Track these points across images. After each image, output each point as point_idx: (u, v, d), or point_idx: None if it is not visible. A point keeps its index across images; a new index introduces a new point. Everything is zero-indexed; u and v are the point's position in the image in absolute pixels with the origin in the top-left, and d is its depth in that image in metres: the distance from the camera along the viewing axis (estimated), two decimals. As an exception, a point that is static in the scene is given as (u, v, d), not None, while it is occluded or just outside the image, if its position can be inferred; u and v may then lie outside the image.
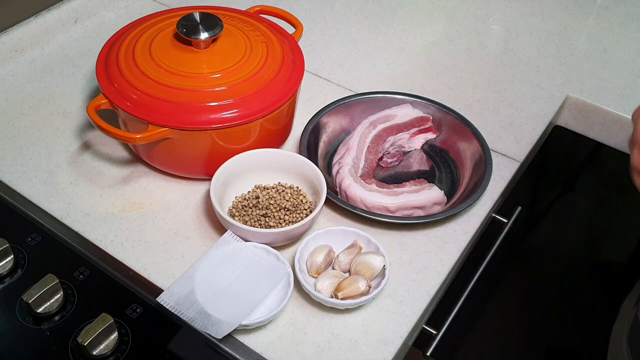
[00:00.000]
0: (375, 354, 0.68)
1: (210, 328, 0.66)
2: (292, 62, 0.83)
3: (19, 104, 0.93)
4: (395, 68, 1.05)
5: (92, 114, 0.76)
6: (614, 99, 1.01)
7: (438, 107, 0.91)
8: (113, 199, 0.81)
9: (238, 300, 0.69)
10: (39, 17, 1.01)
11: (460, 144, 0.89)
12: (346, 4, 1.18)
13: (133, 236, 0.77)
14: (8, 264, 0.70)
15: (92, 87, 0.96)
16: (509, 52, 1.10)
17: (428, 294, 0.74)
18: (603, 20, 1.18)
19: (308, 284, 0.70)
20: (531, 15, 1.19)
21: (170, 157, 0.80)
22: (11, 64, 0.99)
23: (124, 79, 0.77)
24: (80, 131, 0.89)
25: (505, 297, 1.31)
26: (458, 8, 1.20)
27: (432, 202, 0.80)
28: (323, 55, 1.06)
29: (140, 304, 0.69)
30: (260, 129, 0.79)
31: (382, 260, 0.72)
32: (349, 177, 0.81)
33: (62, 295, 0.68)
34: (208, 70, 0.78)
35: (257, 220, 0.76)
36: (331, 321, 0.70)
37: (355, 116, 0.91)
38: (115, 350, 0.65)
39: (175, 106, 0.75)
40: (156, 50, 0.79)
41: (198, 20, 0.79)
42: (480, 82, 1.03)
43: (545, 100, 1.00)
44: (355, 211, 0.78)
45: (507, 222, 0.88)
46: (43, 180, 0.82)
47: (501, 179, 0.87)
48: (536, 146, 0.96)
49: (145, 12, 1.10)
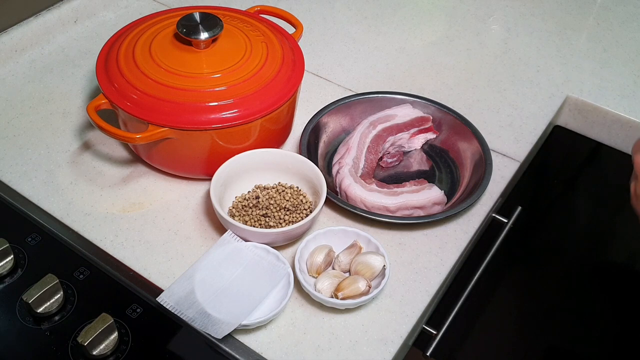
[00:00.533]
0: (375, 354, 0.68)
1: (210, 328, 0.66)
2: (292, 62, 0.83)
3: (19, 104, 0.93)
4: (395, 68, 1.05)
5: (92, 114, 0.76)
6: (614, 99, 1.01)
7: (438, 107, 0.91)
8: (113, 199, 0.81)
9: (238, 300, 0.69)
10: (39, 17, 1.01)
11: (460, 144, 0.89)
12: (346, 4, 1.18)
13: (133, 236, 0.77)
14: (8, 264, 0.70)
15: (92, 87, 0.96)
16: (509, 52, 1.10)
17: (428, 294, 0.74)
18: (603, 20, 1.18)
19: (308, 284, 0.70)
20: (531, 15, 1.19)
21: (170, 157, 0.80)
22: (11, 64, 0.99)
23: (124, 79, 0.77)
24: (80, 131, 0.89)
25: (505, 297, 1.31)
26: (458, 8, 1.20)
27: (432, 202, 0.80)
28: (323, 55, 1.06)
29: (140, 304, 0.69)
30: (260, 129, 0.79)
31: (382, 260, 0.72)
32: (349, 177, 0.81)
33: (62, 295, 0.68)
34: (208, 70, 0.78)
35: (257, 220, 0.76)
36: (331, 321, 0.70)
37: (355, 116, 0.91)
38: (115, 350, 0.65)
39: (175, 106, 0.75)
40: (156, 50, 0.79)
41: (198, 20, 0.79)
42: (480, 82, 1.03)
43: (545, 100, 1.00)
44: (355, 211, 0.78)
45: (507, 222, 0.88)
46: (43, 180, 0.82)
47: (501, 179, 0.87)
48: (536, 146, 0.96)
49: (145, 12, 1.10)
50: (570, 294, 1.28)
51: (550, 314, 1.31)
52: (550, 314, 1.31)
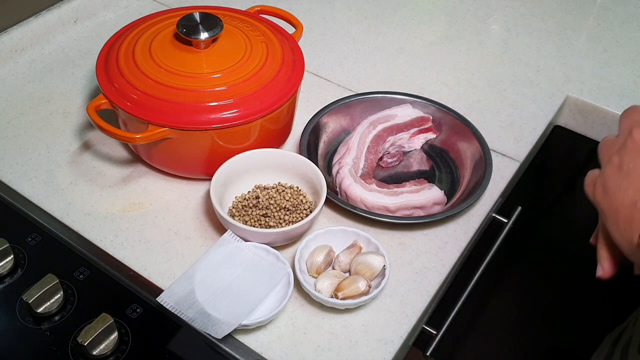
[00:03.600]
0: (375, 354, 0.68)
1: (210, 328, 0.66)
2: (292, 62, 0.83)
3: (19, 104, 0.93)
4: (395, 68, 1.05)
5: (92, 114, 0.76)
6: (614, 99, 1.01)
7: (438, 107, 0.91)
8: (113, 199, 0.81)
9: (238, 300, 0.69)
10: (39, 17, 1.01)
11: (460, 144, 0.89)
12: (346, 4, 1.18)
13: (133, 236, 0.77)
14: (8, 264, 0.70)
15: (92, 87, 0.96)
16: (509, 52, 1.10)
17: (428, 294, 0.74)
18: (603, 20, 1.18)
19: (308, 284, 0.70)
20: (531, 15, 1.19)
21: (170, 157, 0.80)
22: (11, 64, 0.99)
23: (124, 79, 0.77)
24: (80, 131, 0.89)
25: (505, 297, 1.31)
26: (458, 8, 1.20)
27: (432, 202, 0.80)
28: (323, 55, 1.06)
29: (140, 304, 0.69)
30: (260, 129, 0.79)
31: (382, 260, 0.72)
32: (349, 177, 0.81)
33: (62, 295, 0.68)
34: (208, 70, 0.78)
35: (257, 220, 0.76)
36: (331, 321, 0.70)
37: (355, 116, 0.91)
38: (115, 350, 0.65)
39: (175, 106, 0.75)
40: (156, 50, 0.79)
41: (198, 20, 0.79)
42: (480, 82, 1.03)
43: (545, 100, 1.00)
44: (355, 211, 0.78)
45: (507, 222, 0.88)
46: (43, 180, 0.82)
47: (501, 179, 0.87)
48: (536, 146, 0.96)
49: (145, 12, 1.10)
50: (570, 294, 1.28)
51: (550, 314, 1.31)
52: (550, 314, 1.31)
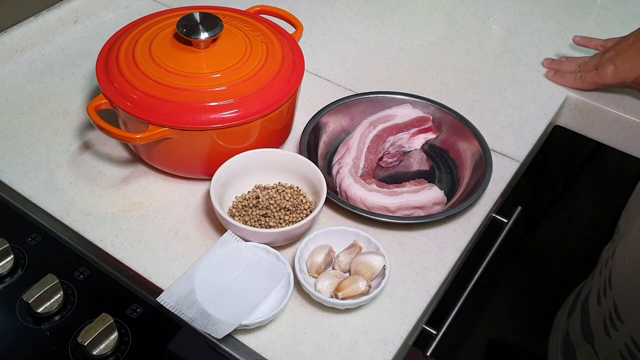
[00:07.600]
0: (375, 354, 0.68)
1: (210, 328, 0.66)
2: (292, 62, 0.83)
3: (19, 104, 0.93)
4: (395, 68, 1.05)
5: (92, 114, 0.76)
6: (614, 99, 1.01)
7: (438, 107, 0.91)
8: (113, 199, 0.81)
9: (238, 300, 0.69)
10: (39, 17, 1.01)
11: (460, 144, 0.89)
12: (346, 4, 1.18)
13: (133, 236, 0.77)
14: (8, 264, 0.70)
15: (92, 87, 0.96)
16: (509, 52, 1.10)
17: (428, 294, 0.74)
18: (603, 20, 1.18)
19: (308, 284, 0.70)
20: (531, 15, 1.19)
21: (170, 157, 0.80)
22: (11, 64, 0.99)
23: (124, 79, 0.77)
24: (80, 131, 0.89)
25: (505, 297, 1.31)
26: (458, 8, 1.20)
27: (432, 202, 0.80)
28: (323, 55, 1.06)
29: (140, 304, 0.69)
30: (260, 129, 0.79)
31: (382, 260, 0.72)
32: (349, 177, 0.81)
33: (62, 295, 0.68)
34: (208, 70, 0.78)
35: (257, 220, 0.76)
36: (331, 321, 0.70)
37: (355, 116, 0.91)
38: (115, 350, 0.65)
39: (175, 106, 0.75)
40: (156, 50, 0.79)
41: (198, 20, 0.79)
42: (480, 82, 1.03)
43: (545, 100, 1.00)
44: (355, 211, 0.78)
45: (507, 222, 0.88)
46: (43, 180, 0.82)
47: (501, 179, 0.87)
48: (536, 146, 0.96)
49: (145, 12, 1.10)
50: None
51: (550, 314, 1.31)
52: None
